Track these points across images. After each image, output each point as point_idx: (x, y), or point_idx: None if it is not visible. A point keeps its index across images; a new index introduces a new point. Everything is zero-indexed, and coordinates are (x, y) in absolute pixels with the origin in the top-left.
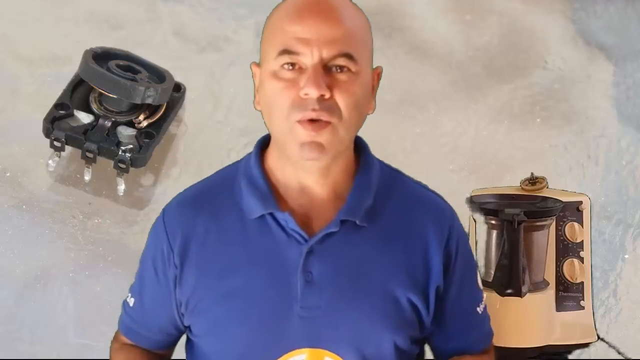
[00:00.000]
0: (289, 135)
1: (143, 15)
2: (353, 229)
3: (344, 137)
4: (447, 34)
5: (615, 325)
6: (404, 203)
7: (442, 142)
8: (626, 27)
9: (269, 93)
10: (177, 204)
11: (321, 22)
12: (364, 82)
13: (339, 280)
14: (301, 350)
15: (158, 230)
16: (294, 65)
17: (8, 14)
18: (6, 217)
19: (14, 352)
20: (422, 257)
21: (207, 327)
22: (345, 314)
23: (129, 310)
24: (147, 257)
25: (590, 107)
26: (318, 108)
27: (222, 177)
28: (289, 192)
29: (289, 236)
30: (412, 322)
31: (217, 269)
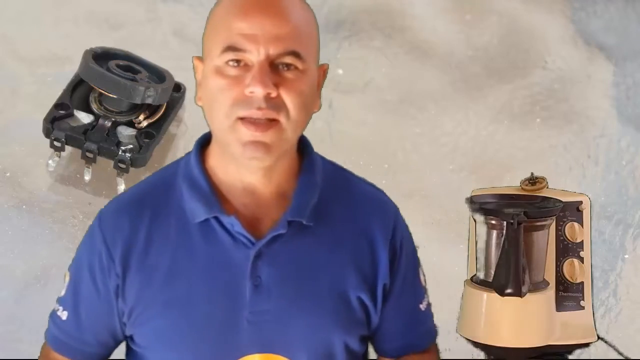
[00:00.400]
0: (230, 133)
1: (143, 15)
2: (300, 229)
3: (291, 137)
4: (447, 34)
5: (615, 325)
6: (349, 201)
7: (442, 142)
8: (626, 27)
9: (212, 89)
10: (114, 209)
11: (268, 19)
12: (310, 80)
13: (289, 283)
14: (252, 356)
15: (94, 238)
16: (239, 62)
17: (8, 14)
18: (6, 217)
19: (14, 352)
20: (369, 254)
21: (152, 337)
22: (296, 318)
23: (61, 324)
24: (81, 266)
25: (590, 107)
26: (264, 107)
27: (160, 178)
28: (233, 193)
29: (235, 240)
30: (362, 322)
31: (161, 277)
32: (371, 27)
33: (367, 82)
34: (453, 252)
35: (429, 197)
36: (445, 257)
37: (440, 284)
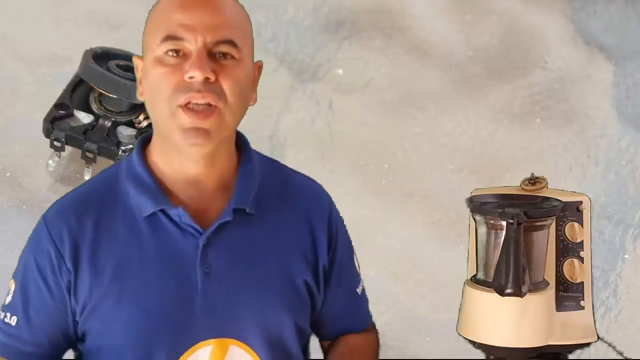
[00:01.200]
0: (172, 120)
1: (143, 15)
2: (244, 217)
3: (230, 122)
4: (447, 34)
5: (615, 325)
6: (286, 190)
7: (442, 142)
8: (626, 27)
9: (153, 79)
10: (58, 210)
11: (204, 10)
12: (246, 71)
13: (238, 269)
14: (207, 341)
15: (41, 239)
16: (178, 52)
17: (8, 14)
18: (6, 217)
19: None
20: (310, 240)
21: (105, 330)
22: (247, 301)
23: (10, 330)
24: (29, 270)
25: (590, 107)
26: (203, 90)
27: (102, 180)
28: (177, 186)
29: (182, 231)
30: (308, 303)
31: (112, 271)
32: (371, 27)
33: (367, 82)
34: (453, 252)
35: (429, 197)
36: (445, 257)
37: (440, 284)
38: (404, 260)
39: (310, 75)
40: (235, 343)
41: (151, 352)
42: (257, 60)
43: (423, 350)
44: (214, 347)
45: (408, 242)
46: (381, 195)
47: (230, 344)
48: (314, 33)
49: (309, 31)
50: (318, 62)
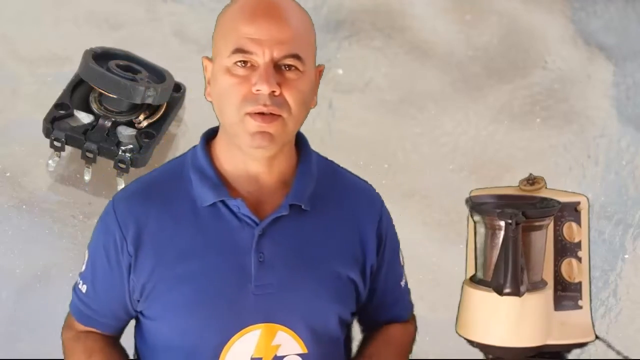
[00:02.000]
0: (239, 126)
1: (143, 15)
2: (299, 213)
3: (291, 129)
4: (447, 34)
5: (615, 325)
6: (341, 190)
7: (442, 142)
8: (626, 27)
9: (223, 87)
10: (127, 195)
11: (272, 25)
12: (309, 80)
13: (289, 259)
14: (257, 325)
15: (108, 220)
16: (246, 63)
17: (8, 14)
18: (6, 217)
19: (14, 352)
20: (359, 239)
21: (165, 308)
22: (295, 291)
23: (82, 296)
24: (97, 245)
25: (590, 107)
26: (269, 103)
27: (168, 170)
28: (238, 180)
29: (240, 221)
30: (352, 297)
31: (173, 254)
32: (371, 27)
33: (367, 82)
34: (453, 252)
35: (429, 197)
36: (445, 257)
37: (440, 283)
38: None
39: None
40: (282, 329)
41: (205, 331)
42: (318, 65)
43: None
44: (263, 331)
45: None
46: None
47: (278, 330)
48: None
49: None
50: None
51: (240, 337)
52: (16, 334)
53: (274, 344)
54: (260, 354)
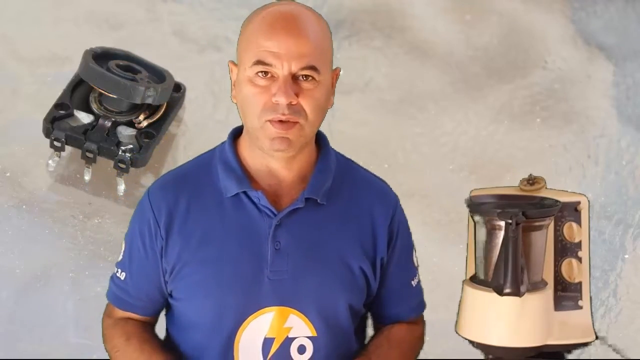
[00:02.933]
0: (260, 131)
1: (143, 15)
2: (315, 206)
3: (308, 133)
4: (447, 34)
5: (615, 325)
6: (357, 187)
7: (442, 142)
8: (626, 27)
9: (245, 95)
10: (160, 186)
11: (291, 39)
12: (325, 88)
13: (303, 248)
14: (271, 308)
15: (145, 209)
16: (266, 74)
17: (8, 14)
18: (6, 217)
19: (14, 352)
20: (371, 233)
21: (189, 290)
22: (308, 278)
23: (120, 283)
24: (134, 232)
25: (590, 107)
26: (287, 113)
27: (198, 163)
28: (259, 175)
29: (260, 211)
30: (362, 287)
31: (198, 239)
32: (371, 27)
33: (367, 82)
34: (453, 252)
35: (429, 197)
36: (445, 257)
37: (440, 284)
38: None
39: None
40: (294, 313)
41: (224, 310)
42: (335, 68)
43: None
44: (276, 313)
45: None
46: None
47: (290, 313)
48: None
49: None
50: None
51: (255, 318)
52: (16, 334)
53: (286, 326)
54: (273, 334)
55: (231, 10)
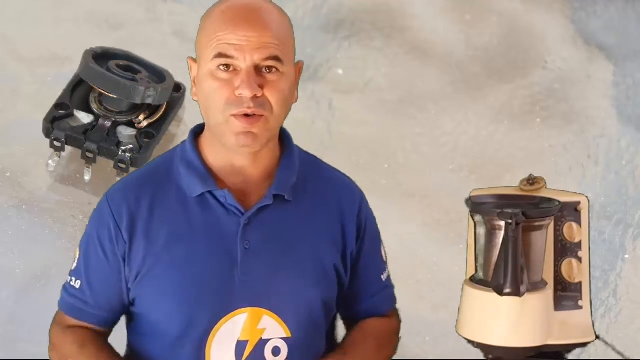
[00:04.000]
0: (225, 126)
1: (143, 15)
2: (282, 203)
3: (273, 127)
4: (447, 34)
5: (615, 325)
6: (322, 182)
7: (442, 142)
8: (626, 27)
9: (207, 90)
10: (120, 188)
11: (252, 30)
12: (289, 79)
13: (274, 246)
14: (243, 309)
15: (103, 212)
16: (228, 67)
17: (8, 14)
18: (6, 217)
19: (14, 352)
20: (340, 227)
21: (156, 294)
22: (280, 276)
23: (74, 292)
24: (91, 238)
25: (590, 107)
26: (252, 106)
27: (159, 163)
28: (224, 173)
29: (227, 210)
30: (335, 282)
31: (164, 241)
32: (371, 27)
33: (367, 82)
34: (453, 252)
35: (429, 197)
36: (445, 257)
37: (440, 284)
38: (403, 260)
39: (310, 75)
40: (267, 313)
41: (194, 315)
42: (297, 61)
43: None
44: (249, 315)
45: (408, 242)
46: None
47: (264, 314)
48: (314, 33)
49: (309, 31)
50: (318, 62)
51: (227, 320)
52: (16, 334)
53: (259, 327)
54: (246, 337)
55: None
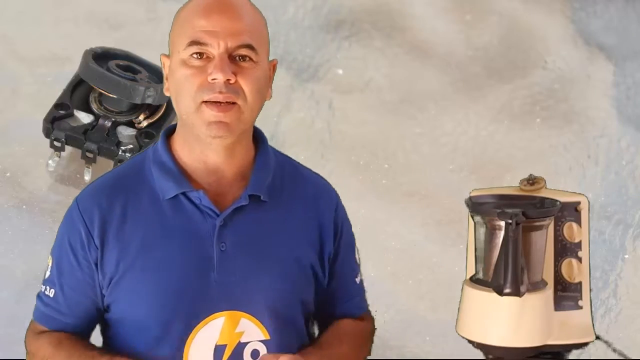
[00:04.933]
0: (196, 115)
1: (143, 15)
2: (258, 204)
3: (248, 118)
4: (447, 34)
5: (615, 325)
6: (298, 182)
7: (442, 142)
8: (626, 27)
9: (179, 79)
10: (90, 193)
11: (226, 18)
12: (263, 71)
13: (250, 248)
14: (220, 313)
15: (73, 218)
16: (201, 55)
17: (8, 14)
18: (6, 217)
19: (14, 353)
20: (317, 225)
21: (130, 300)
22: (258, 278)
23: (49, 301)
24: (63, 245)
25: (590, 107)
26: (225, 91)
27: (130, 166)
28: (198, 173)
29: (202, 212)
30: (312, 282)
31: (137, 246)
32: (371, 27)
33: (367, 82)
34: (453, 252)
35: (429, 197)
36: (445, 257)
37: (440, 284)
38: (403, 260)
39: (310, 75)
40: (245, 316)
41: (171, 320)
42: (271, 59)
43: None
44: (226, 318)
45: (408, 242)
46: (381, 195)
47: (242, 317)
48: (314, 33)
49: (309, 31)
50: (318, 62)
51: (205, 325)
52: (16, 334)
53: (237, 330)
54: (224, 341)
55: None
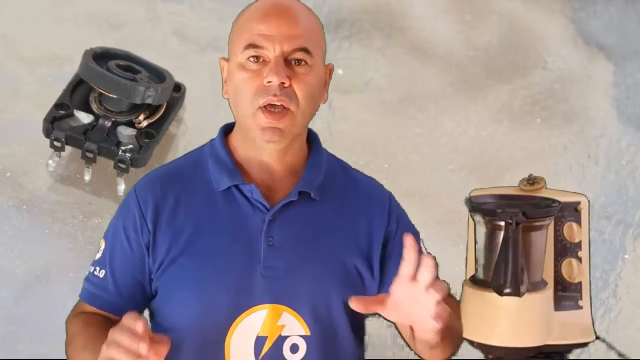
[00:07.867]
0: (252, 119)
1: (143, 15)
2: (308, 201)
3: (300, 123)
4: (447, 34)
5: (615, 325)
6: (350, 185)
7: (442, 142)
8: (626, 27)
9: (237, 82)
10: (148, 181)
11: (282, 22)
12: (318, 75)
13: (297, 244)
14: (263, 305)
15: (130, 203)
16: (258, 58)
17: (8, 14)
18: (6, 217)
19: (14, 352)
20: (366, 231)
21: (177, 285)
22: (301, 274)
23: (97, 281)
24: (117, 228)
25: (590, 107)
26: (279, 94)
27: (188, 159)
28: (251, 169)
29: (253, 206)
30: (357, 285)
31: (188, 233)
32: (371, 27)
33: (367, 82)
34: (453, 252)
35: (429, 197)
36: (445, 257)
37: None
38: None
39: None
40: (287, 310)
41: (214, 307)
42: (328, 63)
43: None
44: (269, 311)
45: None
46: None
47: (284, 311)
48: None
49: None
50: None
51: (247, 315)
52: (16, 334)
53: (279, 324)
54: (265, 333)
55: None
